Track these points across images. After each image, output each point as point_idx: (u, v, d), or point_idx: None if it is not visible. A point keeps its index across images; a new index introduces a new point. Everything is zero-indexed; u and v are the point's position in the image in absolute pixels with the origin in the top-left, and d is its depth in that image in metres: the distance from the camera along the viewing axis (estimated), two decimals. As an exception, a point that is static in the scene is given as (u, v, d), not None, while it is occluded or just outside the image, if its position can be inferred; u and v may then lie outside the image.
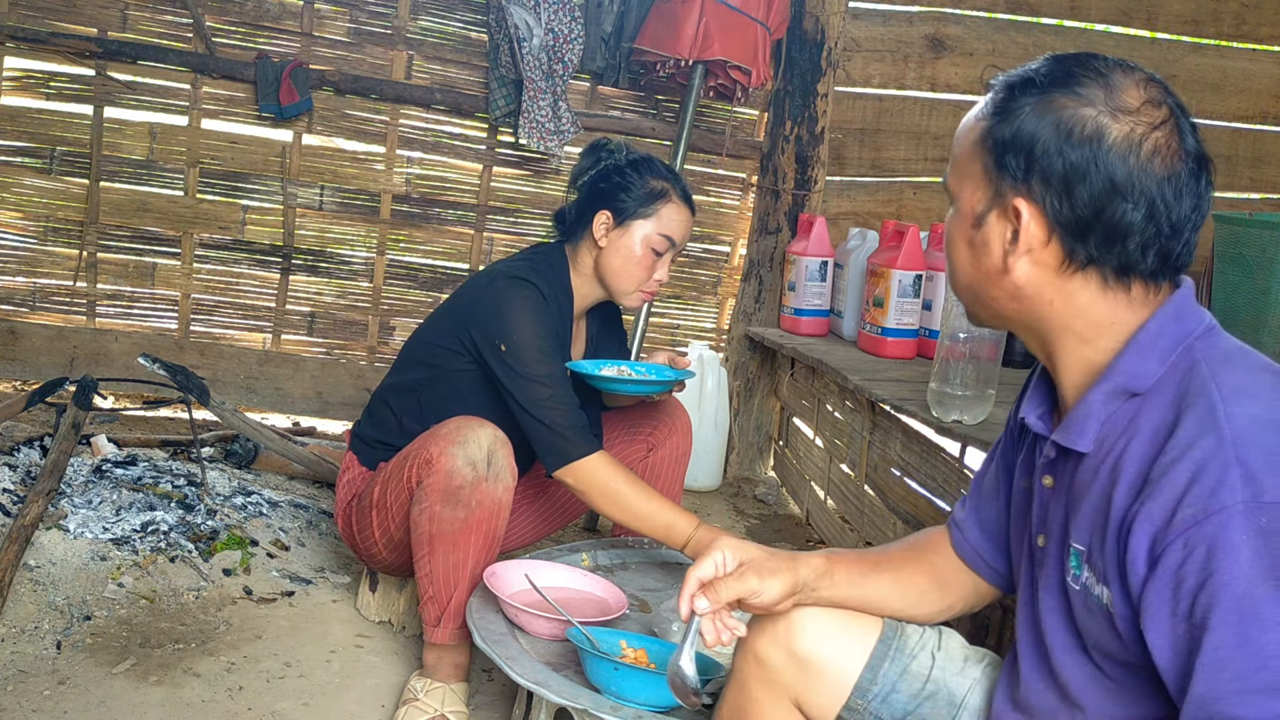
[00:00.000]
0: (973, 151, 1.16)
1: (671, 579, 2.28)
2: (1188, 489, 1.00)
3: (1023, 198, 1.11)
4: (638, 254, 2.24)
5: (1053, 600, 1.18)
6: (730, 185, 3.92)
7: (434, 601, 2.07)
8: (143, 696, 2.07)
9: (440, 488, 2.01)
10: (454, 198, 3.83)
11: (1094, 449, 1.13)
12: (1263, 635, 0.95)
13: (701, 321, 4.06)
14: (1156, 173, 1.07)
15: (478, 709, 2.17)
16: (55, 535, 2.46)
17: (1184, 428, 1.03)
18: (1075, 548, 1.14)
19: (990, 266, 1.16)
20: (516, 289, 2.17)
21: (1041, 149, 1.09)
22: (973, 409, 2.24)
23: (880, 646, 1.36)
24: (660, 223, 2.25)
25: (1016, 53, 3.81)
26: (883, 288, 3.08)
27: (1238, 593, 0.96)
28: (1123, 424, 1.11)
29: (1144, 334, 1.11)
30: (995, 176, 1.13)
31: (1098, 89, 1.08)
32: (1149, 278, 1.11)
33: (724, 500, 3.65)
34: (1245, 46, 3.98)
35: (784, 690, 1.36)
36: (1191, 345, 1.10)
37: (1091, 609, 1.12)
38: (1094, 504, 1.11)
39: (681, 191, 2.29)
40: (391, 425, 2.32)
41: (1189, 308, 1.13)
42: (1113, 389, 1.12)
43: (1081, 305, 1.13)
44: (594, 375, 2.25)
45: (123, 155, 3.66)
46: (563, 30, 3.50)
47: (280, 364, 3.85)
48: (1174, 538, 0.99)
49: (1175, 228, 1.09)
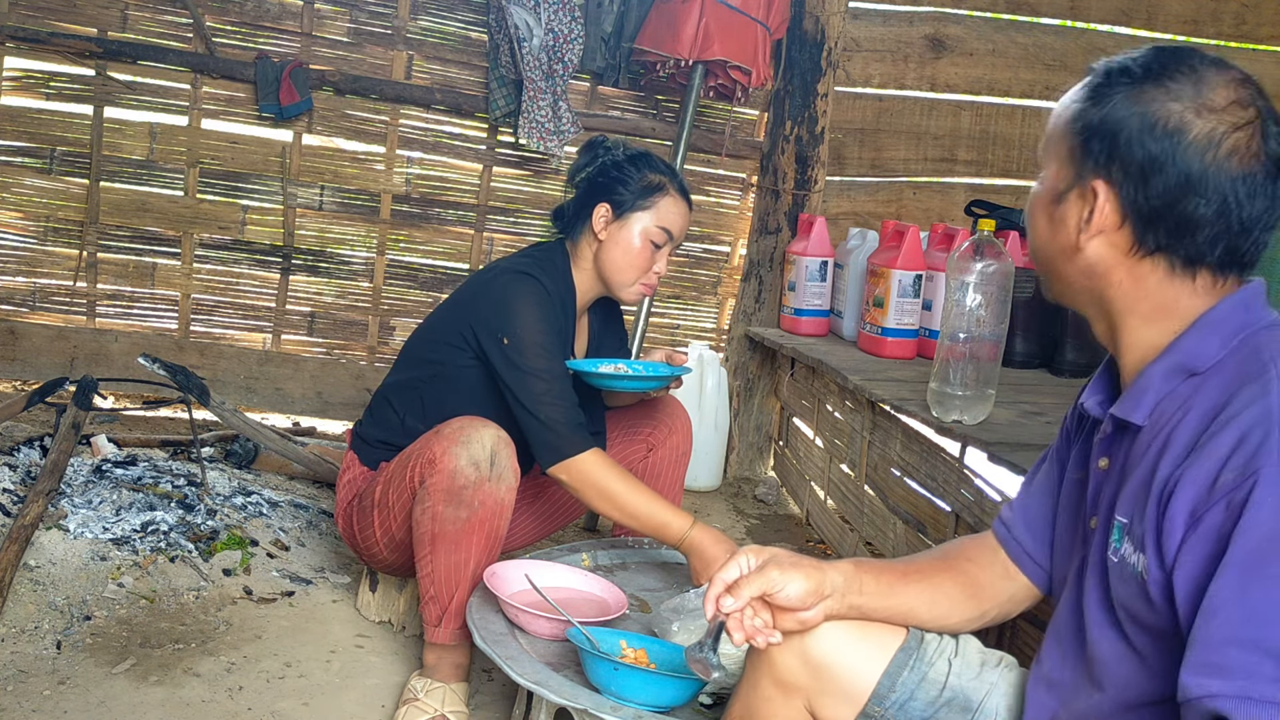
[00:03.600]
0: (1064, 131, 1.19)
1: (671, 579, 2.28)
2: (1231, 454, 1.02)
3: (1102, 180, 1.14)
4: (636, 246, 2.25)
5: (1095, 578, 1.20)
6: (730, 185, 3.92)
7: (435, 601, 2.07)
8: (143, 696, 2.07)
9: (443, 487, 2.01)
10: (454, 198, 3.83)
11: (1149, 425, 1.15)
12: (1259, 588, 0.96)
13: (701, 321, 4.06)
14: (1232, 171, 1.09)
15: (478, 709, 2.17)
16: (55, 535, 2.46)
17: (1236, 400, 1.06)
18: (1119, 520, 1.15)
19: (1065, 242, 1.19)
20: (521, 283, 2.18)
21: (1125, 137, 1.12)
22: (973, 409, 2.24)
23: (901, 655, 1.36)
24: (658, 215, 2.25)
25: (1016, 53, 3.81)
26: (883, 288, 3.08)
27: (1250, 546, 0.97)
28: (1179, 402, 1.13)
29: (1211, 315, 1.14)
30: (1080, 158, 1.16)
31: (1188, 85, 1.11)
32: (1217, 270, 1.14)
33: (724, 500, 3.65)
34: (1245, 46, 3.98)
35: (797, 694, 1.36)
36: (1256, 334, 1.12)
37: (1126, 578, 1.12)
38: (1141, 478, 1.13)
39: (679, 185, 2.30)
40: (394, 424, 2.32)
41: (1258, 302, 1.15)
42: (1172, 365, 1.14)
43: (1148, 288, 1.16)
44: (591, 373, 2.26)
45: (123, 155, 3.66)
46: (563, 30, 3.50)
47: (280, 364, 3.84)
48: (1217, 499, 1.01)
49: (1245, 226, 1.11)
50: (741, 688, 1.43)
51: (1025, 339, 2.93)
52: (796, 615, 1.29)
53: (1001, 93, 3.83)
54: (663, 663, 1.79)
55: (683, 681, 1.68)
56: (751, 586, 1.27)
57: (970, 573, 1.43)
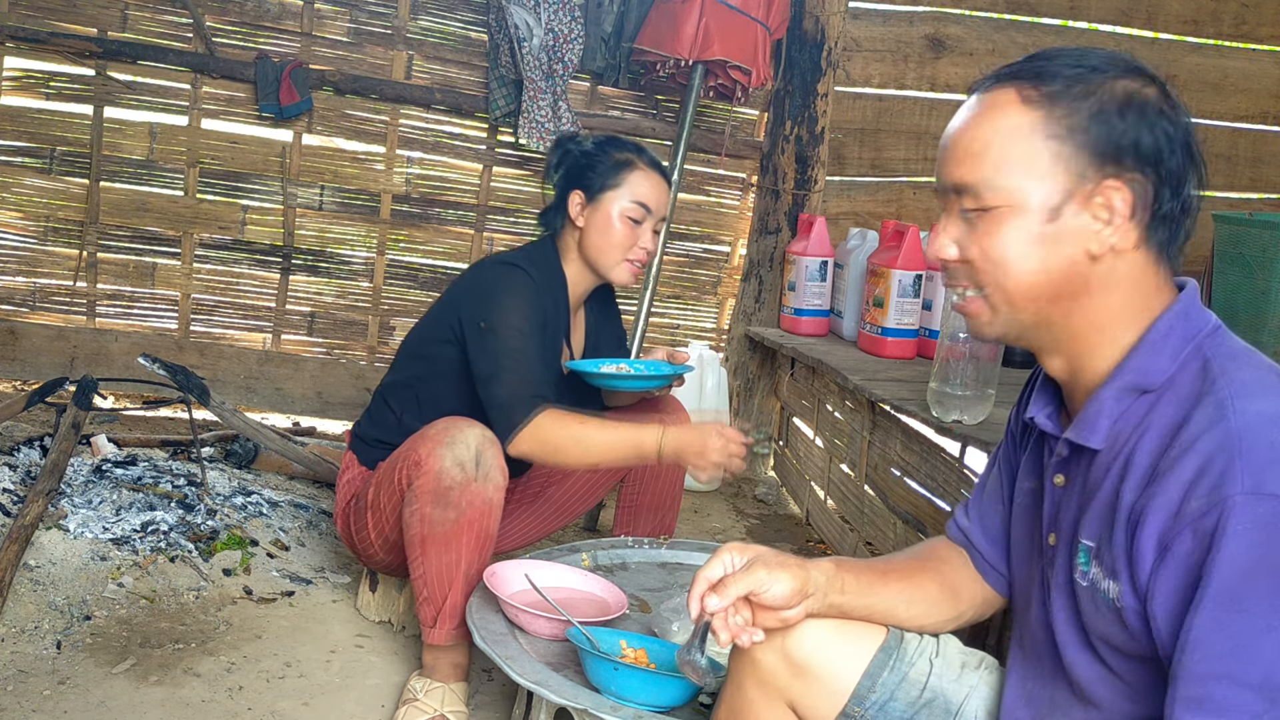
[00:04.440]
0: (1039, 143, 1.11)
1: (671, 579, 2.28)
2: (1195, 480, 1.01)
3: (1113, 178, 1.10)
4: (615, 225, 2.25)
5: (1062, 599, 1.19)
6: (730, 185, 3.92)
7: (429, 603, 2.06)
8: (143, 696, 2.07)
9: (430, 489, 2.01)
10: (454, 198, 3.83)
11: (1106, 446, 1.14)
12: (1237, 623, 0.97)
13: (701, 321, 4.06)
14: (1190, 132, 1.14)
15: (478, 709, 2.17)
16: (55, 535, 2.46)
17: (1194, 422, 1.05)
18: (1084, 544, 1.14)
19: (1071, 258, 1.12)
20: (505, 272, 2.20)
21: (1121, 124, 1.10)
22: (973, 409, 2.24)
23: (881, 655, 1.35)
24: (630, 190, 2.25)
25: (1016, 52, 3.77)
26: (883, 288, 3.08)
27: (1227, 579, 0.98)
28: (1135, 421, 1.12)
29: (1154, 332, 1.12)
30: (1079, 162, 1.10)
31: (1110, 64, 1.13)
32: (1172, 258, 1.14)
33: (724, 500, 3.65)
34: (1245, 46, 3.98)
35: (779, 693, 1.36)
36: (1201, 344, 1.11)
37: (1099, 604, 1.12)
38: (1104, 500, 1.12)
39: (649, 160, 2.29)
40: (391, 423, 2.32)
41: (1195, 308, 1.14)
42: (1124, 385, 1.13)
43: (1128, 288, 1.13)
44: (593, 373, 2.26)
45: (123, 155, 3.66)
46: (563, 30, 3.50)
47: (280, 364, 3.85)
48: (1183, 527, 1.01)
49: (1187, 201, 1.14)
50: (726, 689, 1.43)
51: (1025, 339, 2.93)
52: (778, 614, 1.28)
53: (1001, 93, 3.83)
54: (663, 663, 1.79)
55: (683, 681, 1.68)
56: (738, 586, 1.25)
57: (945, 573, 1.43)
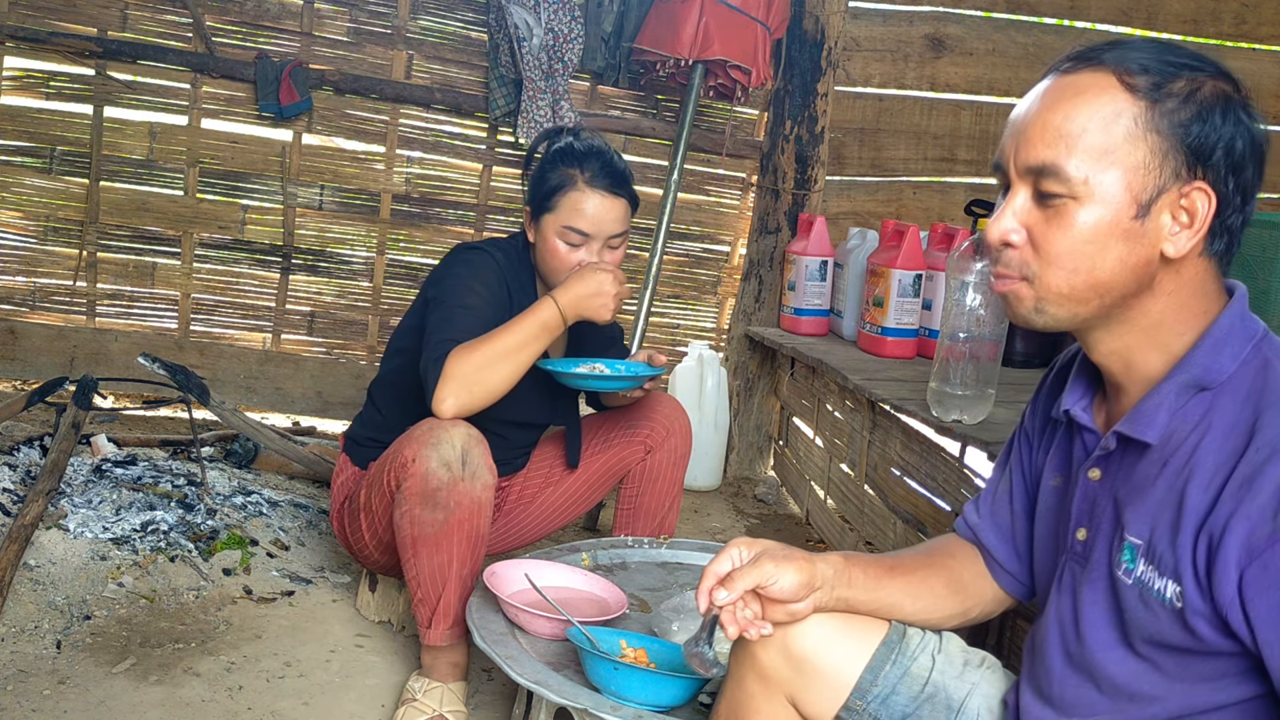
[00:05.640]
0: (1138, 137, 1.10)
1: (671, 579, 2.28)
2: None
3: (1200, 179, 1.10)
4: (553, 247, 2.22)
5: (1096, 595, 1.18)
6: (730, 185, 3.92)
7: (424, 604, 2.06)
8: (142, 696, 2.07)
9: (417, 491, 2.00)
10: (454, 197, 3.83)
11: (1160, 442, 1.13)
12: None
13: (701, 321, 4.06)
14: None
15: (478, 709, 2.17)
16: (55, 535, 2.46)
17: (1271, 425, 1.05)
18: (1130, 541, 1.14)
19: (1148, 258, 1.12)
20: (466, 252, 2.25)
21: (1214, 128, 1.09)
22: (973, 409, 2.24)
23: (883, 649, 1.35)
24: (563, 214, 2.19)
25: (1016, 52, 3.81)
26: (882, 287, 3.08)
27: None
28: (1193, 419, 1.12)
29: (1217, 329, 1.13)
30: (1175, 160, 1.09)
31: (1199, 66, 1.12)
32: (1226, 263, 1.15)
33: (724, 500, 3.65)
34: (1245, 46, 3.98)
35: (779, 688, 1.36)
36: (1260, 344, 1.12)
37: (1149, 603, 1.11)
38: (1159, 498, 1.12)
39: (593, 176, 2.18)
40: (377, 420, 2.33)
41: (1247, 309, 1.16)
42: (1186, 381, 1.12)
43: (1192, 290, 1.14)
44: (564, 373, 2.24)
45: (123, 155, 3.66)
46: (563, 30, 3.50)
47: (280, 364, 3.85)
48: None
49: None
50: (727, 684, 1.43)
51: (1025, 339, 2.93)
52: (786, 607, 1.29)
53: (1001, 92, 3.83)
54: (663, 662, 1.79)
55: (683, 681, 1.68)
56: (746, 579, 1.25)
57: (954, 569, 1.43)
